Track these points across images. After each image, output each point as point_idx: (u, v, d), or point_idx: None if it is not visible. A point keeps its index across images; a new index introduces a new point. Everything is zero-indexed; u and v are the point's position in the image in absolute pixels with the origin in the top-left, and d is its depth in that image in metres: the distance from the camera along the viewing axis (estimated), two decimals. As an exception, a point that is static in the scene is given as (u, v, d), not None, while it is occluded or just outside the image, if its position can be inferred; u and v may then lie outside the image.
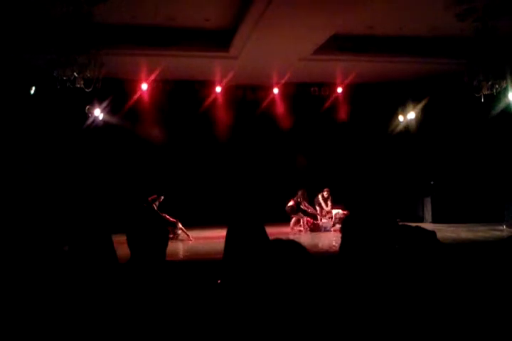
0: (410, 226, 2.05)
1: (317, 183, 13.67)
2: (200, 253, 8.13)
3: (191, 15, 9.15)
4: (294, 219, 12.50)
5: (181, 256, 7.16)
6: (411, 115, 13.25)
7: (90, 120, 11.78)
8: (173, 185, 13.16)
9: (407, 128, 13.54)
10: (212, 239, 10.48)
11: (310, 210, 12.58)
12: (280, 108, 13.50)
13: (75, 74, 7.85)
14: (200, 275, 2.21)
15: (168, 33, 9.75)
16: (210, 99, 12.94)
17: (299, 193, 12.43)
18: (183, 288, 2.12)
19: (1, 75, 9.75)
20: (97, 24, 8.46)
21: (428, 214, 12.87)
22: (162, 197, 11.35)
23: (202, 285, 2.10)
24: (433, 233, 1.89)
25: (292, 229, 12.41)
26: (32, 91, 10.46)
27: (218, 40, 10.09)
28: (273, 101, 13.43)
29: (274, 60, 10.80)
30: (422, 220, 12.88)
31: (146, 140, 13.04)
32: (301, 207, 12.43)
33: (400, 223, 2.04)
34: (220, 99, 13.09)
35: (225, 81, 12.32)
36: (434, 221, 12.41)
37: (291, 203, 12.38)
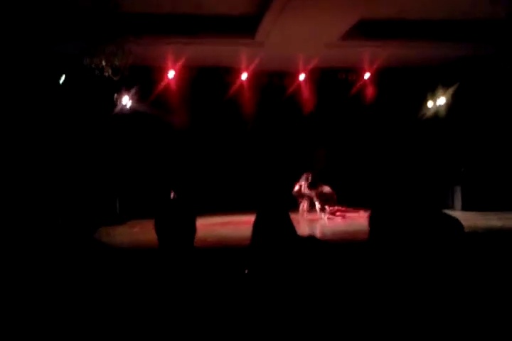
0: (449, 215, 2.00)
1: (343, 171, 13.64)
2: (226, 239, 8.22)
3: (217, 2, 9.12)
4: (305, 204, 12.34)
5: (207, 242, 7.24)
6: (441, 100, 12.98)
7: (118, 108, 11.94)
8: (199, 171, 13.31)
9: (436, 114, 13.28)
10: (237, 224, 10.59)
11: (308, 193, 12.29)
12: (306, 93, 13.41)
13: (103, 62, 7.97)
14: (227, 264, 2.24)
15: (193, 20, 9.75)
16: (235, 86, 12.93)
17: (304, 176, 12.25)
18: (210, 277, 2.15)
19: (31, 64, 9.94)
20: (124, 13, 8.54)
21: (458, 201, 12.66)
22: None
23: (229, 274, 2.13)
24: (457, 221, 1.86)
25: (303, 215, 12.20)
26: (61, 80, 10.64)
27: (244, 26, 10.04)
28: (299, 86, 13.34)
29: (300, 45, 10.69)
30: (451, 208, 12.69)
31: (173, 127, 13.17)
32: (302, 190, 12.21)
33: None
34: (245, 86, 13.07)
35: (250, 67, 12.28)
36: (464, 209, 12.20)
37: (297, 187, 12.25)
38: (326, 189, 12.24)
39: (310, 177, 12.28)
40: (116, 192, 11.93)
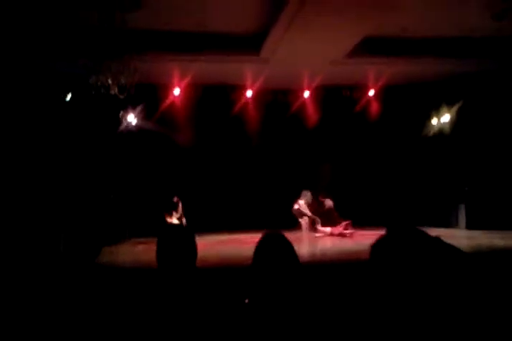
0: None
1: (346, 189, 13.61)
2: (227, 258, 8.16)
3: (222, 20, 9.22)
4: (305, 222, 12.25)
5: (208, 262, 7.17)
6: (445, 118, 12.98)
7: (124, 125, 12.00)
8: (204, 188, 13.30)
9: (441, 132, 13.27)
10: (239, 243, 10.54)
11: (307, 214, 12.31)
12: (311, 111, 13.46)
13: (109, 80, 8.04)
14: (228, 286, 2.21)
15: (199, 38, 9.85)
16: (240, 103, 13.01)
17: (303, 193, 12.22)
18: (212, 300, 2.12)
19: (38, 82, 10.04)
20: (130, 30, 8.65)
21: (462, 220, 12.55)
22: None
23: (229, 303, 2.10)
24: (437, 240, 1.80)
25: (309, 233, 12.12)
26: (68, 98, 10.73)
27: (249, 44, 10.13)
28: (304, 103, 13.40)
29: (305, 63, 10.77)
30: (456, 226, 12.59)
31: (178, 145, 13.21)
32: (301, 209, 12.19)
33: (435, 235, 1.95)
34: (250, 103, 13.15)
35: (255, 85, 12.37)
36: (468, 227, 12.09)
37: (296, 206, 12.21)
38: (327, 205, 12.20)
39: (309, 195, 12.28)
40: (120, 209, 11.91)
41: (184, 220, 11.28)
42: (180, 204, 11.40)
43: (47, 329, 2.13)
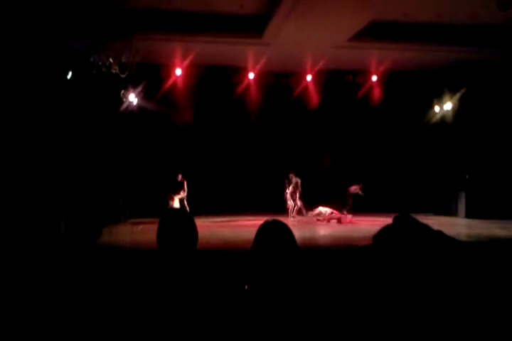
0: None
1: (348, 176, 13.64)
2: (229, 241, 8.21)
3: (226, 0, 9.09)
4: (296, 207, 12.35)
5: (210, 244, 7.20)
6: (447, 105, 12.92)
7: (125, 105, 11.94)
8: (203, 170, 13.31)
9: (443, 119, 13.23)
10: (239, 226, 10.59)
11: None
12: (313, 95, 13.38)
13: (110, 59, 7.96)
14: (229, 269, 2.21)
15: (202, 18, 9.72)
16: (242, 85, 12.91)
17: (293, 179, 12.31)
18: (212, 282, 2.12)
19: (39, 60, 9.92)
20: (133, 9, 8.53)
21: (462, 208, 12.59)
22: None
23: (229, 288, 2.10)
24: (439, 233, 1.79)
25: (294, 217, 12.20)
26: (69, 76, 10.64)
27: (252, 26, 10.01)
28: (306, 87, 13.31)
29: (308, 47, 10.67)
30: (455, 214, 12.64)
31: (179, 125, 13.17)
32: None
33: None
34: (252, 85, 13.05)
35: (257, 67, 12.26)
36: (468, 216, 12.14)
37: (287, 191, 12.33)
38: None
39: (292, 177, 12.31)
40: (119, 190, 11.93)
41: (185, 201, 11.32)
42: (185, 183, 11.44)
43: (48, 312, 2.13)
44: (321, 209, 12.02)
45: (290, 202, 12.30)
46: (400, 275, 1.63)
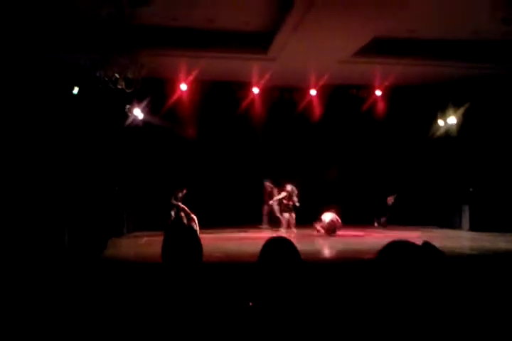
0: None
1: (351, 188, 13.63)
2: (233, 254, 8.20)
3: (231, 17, 9.22)
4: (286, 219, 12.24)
5: (214, 257, 7.20)
6: (451, 119, 12.96)
7: (130, 119, 12.04)
8: (208, 183, 13.33)
9: (447, 133, 13.25)
10: (242, 239, 10.59)
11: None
12: (317, 109, 13.45)
13: (116, 75, 8.05)
14: (232, 287, 2.22)
15: (207, 34, 9.85)
16: (247, 100, 13.01)
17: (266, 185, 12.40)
18: (213, 302, 2.13)
19: (45, 75, 10.06)
20: (139, 26, 8.65)
21: (466, 221, 12.54)
22: (184, 190, 11.64)
23: (234, 303, 2.11)
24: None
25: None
26: (75, 91, 10.76)
27: (257, 42, 10.13)
28: (310, 102, 13.39)
29: (312, 62, 10.76)
30: (459, 227, 12.58)
31: (184, 139, 13.24)
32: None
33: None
34: (257, 100, 13.15)
35: (262, 82, 12.36)
36: (472, 229, 12.08)
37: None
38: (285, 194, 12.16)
39: (270, 185, 12.33)
40: (123, 203, 11.96)
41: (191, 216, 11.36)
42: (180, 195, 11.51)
43: (51, 322, 2.15)
44: (323, 216, 11.70)
45: (285, 215, 12.19)
46: (398, 290, 1.65)
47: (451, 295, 1.66)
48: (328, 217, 11.56)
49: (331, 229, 11.40)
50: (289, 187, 12.13)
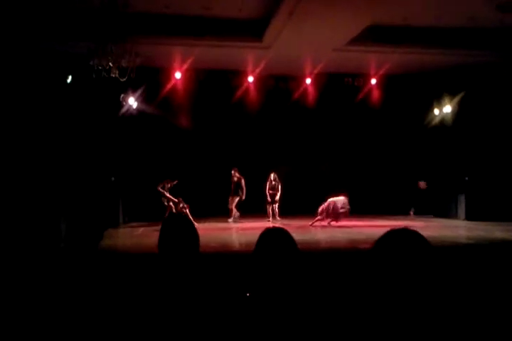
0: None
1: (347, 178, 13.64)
2: (229, 244, 8.22)
3: (225, 4, 9.12)
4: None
5: (211, 247, 7.21)
6: (447, 108, 12.95)
7: (125, 108, 11.96)
8: (202, 172, 13.31)
9: (442, 122, 13.25)
10: (238, 229, 10.60)
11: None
12: (312, 98, 13.40)
13: (110, 63, 7.97)
14: (229, 277, 2.21)
15: (201, 22, 9.75)
16: (242, 89, 12.94)
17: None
18: (215, 285, 2.13)
19: (39, 64, 9.96)
20: (133, 13, 8.55)
21: (462, 211, 12.58)
22: (175, 182, 11.51)
23: (231, 296, 2.11)
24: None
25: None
26: (69, 80, 10.67)
27: (252, 30, 10.05)
28: (305, 91, 13.34)
29: (307, 50, 10.70)
30: (455, 217, 12.64)
31: (178, 128, 13.19)
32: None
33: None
34: (251, 89, 13.08)
35: (257, 70, 12.29)
36: (468, 218, 12.12)
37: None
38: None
39: (237, 175, 12.17)
40: (118, 194, 11.93)
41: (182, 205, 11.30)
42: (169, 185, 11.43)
43: (49, 315, 2.13)
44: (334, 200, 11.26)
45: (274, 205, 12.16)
46: (394, 280, 1.64)
47: (446, 284, 1.66)
48: (339, 202, 11.25)
49: (334, 215, 11.22)
50: (272, 176, 12.13)
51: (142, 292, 2.15)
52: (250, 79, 12.71)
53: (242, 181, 12.24)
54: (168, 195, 11.28)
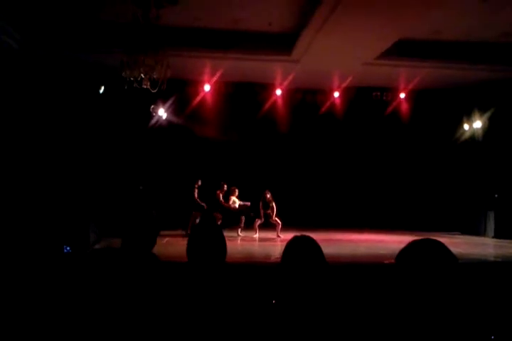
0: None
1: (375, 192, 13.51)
2: (253, 255, 8.21)
3: (255, 18, 9.24)
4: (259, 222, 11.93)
5: (235, 258, 7.23)
6: (477, 124, 12.76)
7: (154, 119, 12.17)
8: (232, 184, 13.36)
9: (472, 137, 13.05)
10: (262, 241, 10.57)
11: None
12: (340, 112, 13.38)
13: (142, 75, 8.14)
14: (255, 287, 2.23)
15: (231, 35, 9.90)
16: (269, 102, 13.02)
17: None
18: (237, 301, 2.14)
19: (73, 74, 10.25)
20: (164, 27, 8.73)
21: (490, 228, 12.30)
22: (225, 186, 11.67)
23: (257, 304, 2.12)
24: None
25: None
26: (101, 91, 10.94)
27: (281, 43, 10.13)
28: (333, 104, 13.33)
29: (336, 64, 10.72)
30: (483, 234, 12.36)
31: (206, 140, 13.31)
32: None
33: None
34: (279, 102, 13.15)
35: (285, 84, 12.36)
36: (497, 236, 11.85)
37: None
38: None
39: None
40: (148, 201, 12.08)
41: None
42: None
43: (74, 318, 2.17)
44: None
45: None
46: (418, 289, 1.64)
47: (468, 294, 1.65)
48: None
49: None
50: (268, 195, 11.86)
51: (167, 299, 2.18)
52: (278, 92, 12.78)
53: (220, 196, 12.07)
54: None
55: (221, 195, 11.94)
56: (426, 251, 1.69)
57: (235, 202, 11.86)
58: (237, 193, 12.04)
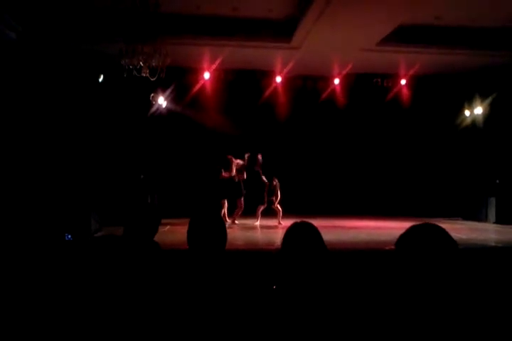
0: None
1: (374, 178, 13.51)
2: (254, 242, 8.25)
3: (254, 5, 9.18)
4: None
5: (236, 245, 7.27)
6: (478, 109, 12.71)
7: (154, 108, 12.14)
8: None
9: (473, 123, 13.02)
10: (262, 227, 10.61)
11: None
12: (341, 98, 13.34)
13: (140, 63, 8.11)
14: (255, 273, 2.24)
15: (231, 23, 9.83)
16: (270, 89, 12.98)
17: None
18: (237, 288, 2.16)
19: (72, 64, 10.21)
20: (163, 14, 8.67)
21: (492, 214, 12.31)
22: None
23: (257, 289, 2.14)
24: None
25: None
26: (100, 79, 10.91)
27: (281, 30, 10.07)
28: (333, 91, 13.28)
29: (336, 50, 10.66)
30: (484, 220, 12.39)
31: (206, 128, 13.28)
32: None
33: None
34: (280, 89, 13.10)
35: (285, 71, 12.31)
36: (498, 222, 11.88)
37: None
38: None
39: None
40: (148, 191, 12.11)
41: None
42: None
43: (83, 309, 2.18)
44: None
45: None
46: (419, 273, 1.64)
47: (469, 279, 1.66)
48: None
49: None
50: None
51: (169, 287, 2.19)
52: (278, 79, 12.73)
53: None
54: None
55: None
56: (426, 236, 1.69)
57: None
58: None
